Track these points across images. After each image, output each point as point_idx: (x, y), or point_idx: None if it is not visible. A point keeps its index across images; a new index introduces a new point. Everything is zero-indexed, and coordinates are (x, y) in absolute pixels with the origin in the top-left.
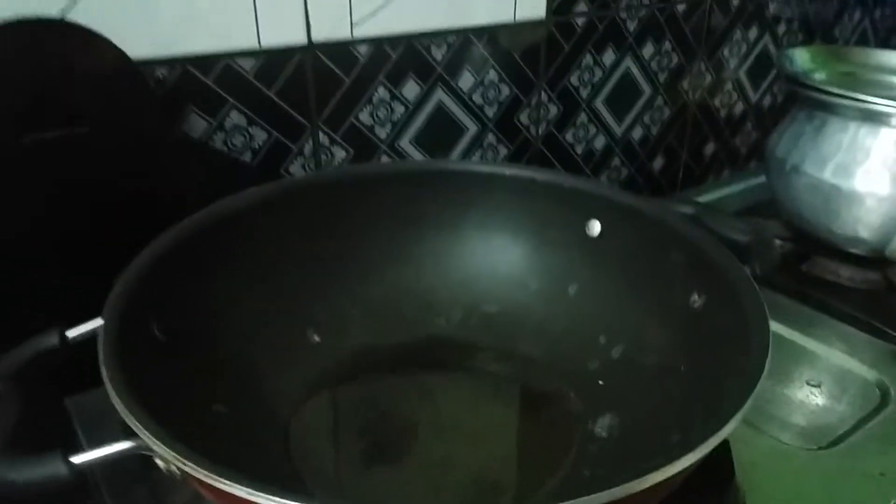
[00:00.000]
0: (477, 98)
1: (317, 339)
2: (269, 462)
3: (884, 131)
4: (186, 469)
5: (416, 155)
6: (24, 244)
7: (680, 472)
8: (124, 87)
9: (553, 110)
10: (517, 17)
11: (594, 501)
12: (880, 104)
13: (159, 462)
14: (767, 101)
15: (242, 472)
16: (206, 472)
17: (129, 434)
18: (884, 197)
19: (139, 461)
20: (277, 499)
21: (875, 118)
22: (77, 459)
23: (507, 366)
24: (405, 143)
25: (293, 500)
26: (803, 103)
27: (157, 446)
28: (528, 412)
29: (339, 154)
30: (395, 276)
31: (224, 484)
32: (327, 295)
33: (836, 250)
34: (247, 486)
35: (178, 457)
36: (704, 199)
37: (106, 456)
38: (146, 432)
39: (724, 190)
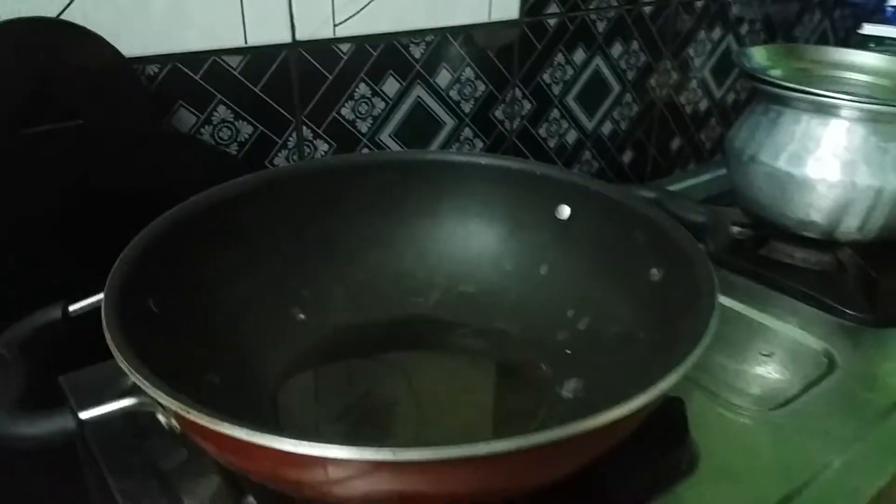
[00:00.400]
0: (454, 94)
1: (302, 316)
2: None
3: (834, 122)
4: (189, 417)
5: (396, 148)
6: (17, 230)
7: (630, 416)
8: (117, 82)
9: (527, 106)
10: (492, 17)
11: (551, 437)
12: (830, 97)
13: (160, 417)
14: (731, 98)
15: None
16: (208, 419)
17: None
18: (834, 183)
19: (133, 430)
20: (275, 437)
21: (826, 110)
22: (85, 415)
23: (482, 340)
24: (385, 137)
25: (289, 438)
26: (760, 97)
27: (162, 398)
28: (502, 381)
29: (322, 147)
30: (376, 258)
31: (225, 427)
32: (312, 276)
33: (791, 234)
34: (247, 429)
35: (182, 406)
36: (670, 189)
37: (111, 412)
38: (151, 386)
39: (688, 181)
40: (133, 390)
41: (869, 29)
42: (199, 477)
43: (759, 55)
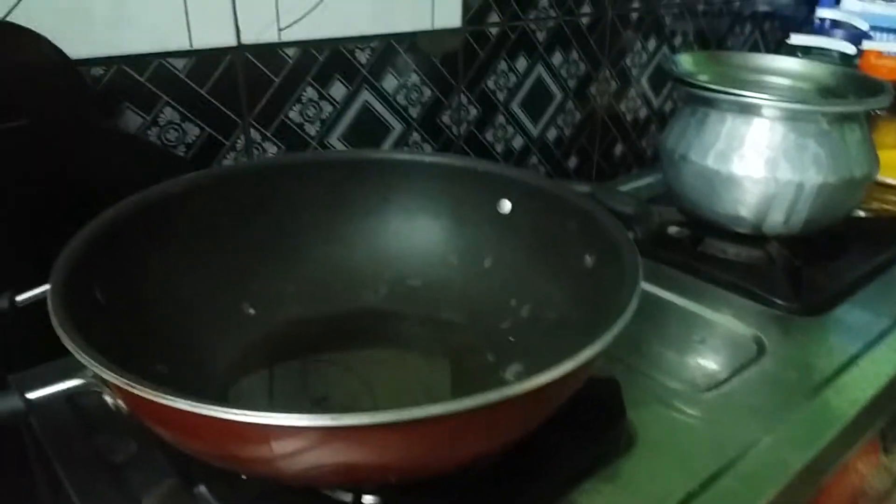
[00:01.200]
0: (401, 99)
1: (252, 311)
2: None
3: (756, 121)
4: (134, 391)
5: None
6: None
7: (554, 384)
8: (63, 83)
9: (473, 112)
10: (434, 25)
11: (482, 401)
12: (751, 97)
13: (107, 398)
14: (668, 106)
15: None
16: (152, 392)
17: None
18: (758, 179)
19: (83, 425)
20: (219, 408)
21: (748, 110)
22: (32, 395)
23: (429, 331)
24: (334, 141)
25: (232, 408)
26: (688, 100)
27: (106, 374)
28: (448, 367)
29: (271, 150)
30: (325, 254)
31: (169, 400)
32: (261, 271)
33: (724, 231)
34: (191, 400)
35: (126, 381)
36: None
37: (58, 392)
38: (95, 363)
39: (631, 184)
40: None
41: (797, 39)
42: (150, 469)
43: (685, 61)
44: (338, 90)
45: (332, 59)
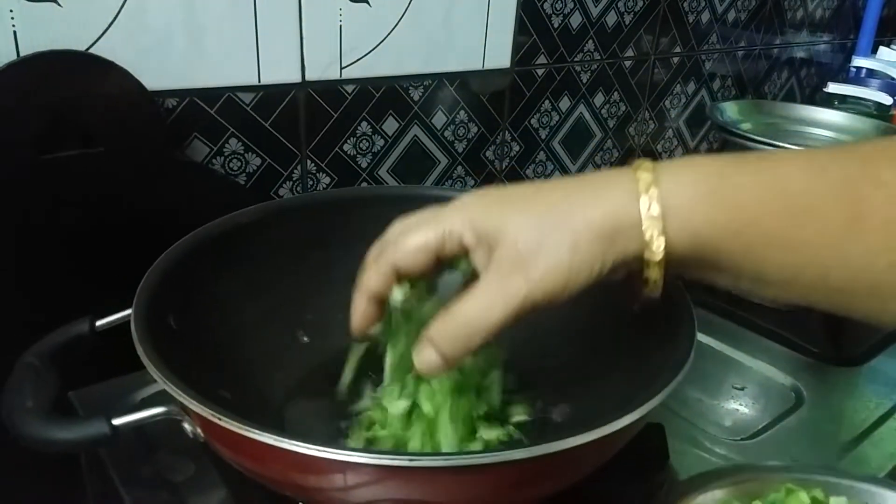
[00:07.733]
0: (448, 135)
1: (306, 339)
2: None
3: None
4: (221, 423)
5: (393, 183)
6: (40, 249)
7: (615, 435)
8: (138, 113)
9: (515, 148)
10: (485, 66)
11: (555, 448)
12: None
13: (186, 426)
14: (704, 147)
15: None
16: (238, 425)
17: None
18: None
19: (145, 446)
20: (300, 444)
21: None
22: (118, 421)
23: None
24: (383, 172)
25: (314, 444)
26: (732, 148)
27: (194, 405)
28: None
29: (325, 180)
30: None
31: (254, 434)
32: (315, 300)
33: None
34: (275, 434)
35: (214, 413)
36: None
37: (143, 419)
38: (184, 395)
39: None
40: (145, 403)
41: (834, 87)
42: (207, 489)
43: (730, 110)
44: (390, 125)
45: (387, 95)
